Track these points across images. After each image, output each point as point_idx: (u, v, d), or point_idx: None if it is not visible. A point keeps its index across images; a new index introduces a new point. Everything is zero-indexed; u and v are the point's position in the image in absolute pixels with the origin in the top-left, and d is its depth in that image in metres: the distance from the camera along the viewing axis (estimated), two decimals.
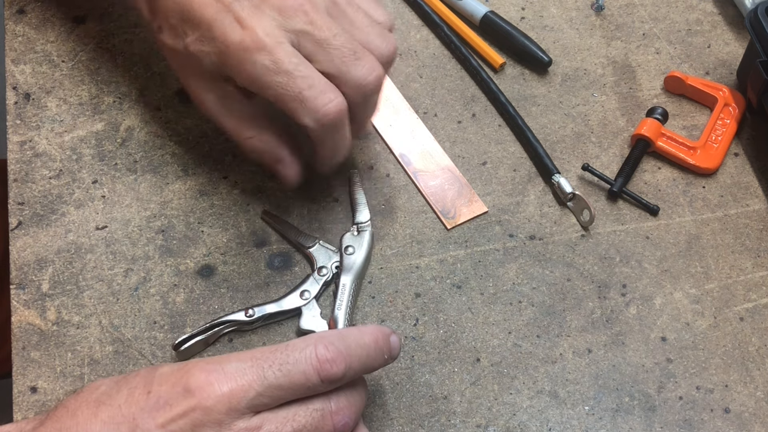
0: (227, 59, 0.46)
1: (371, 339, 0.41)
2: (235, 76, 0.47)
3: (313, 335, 0.40)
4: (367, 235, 0.52)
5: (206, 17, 0.46)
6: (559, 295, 0.52)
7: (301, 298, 0.50)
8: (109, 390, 0.38)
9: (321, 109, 0.46)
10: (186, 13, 0.47)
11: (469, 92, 0.60)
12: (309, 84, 0.45)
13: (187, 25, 0.47)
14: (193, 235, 0.53)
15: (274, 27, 0.46)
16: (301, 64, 0.46)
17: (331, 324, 0.49)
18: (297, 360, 0.38)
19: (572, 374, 0.50)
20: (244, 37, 0.45)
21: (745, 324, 0.52)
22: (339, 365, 0.38)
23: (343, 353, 0.39)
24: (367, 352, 0.40)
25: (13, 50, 0.59)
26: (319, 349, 0.38)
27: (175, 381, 0.37)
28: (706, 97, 0.60)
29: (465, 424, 0.48)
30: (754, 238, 0.55)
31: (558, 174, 0.55)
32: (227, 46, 0.46)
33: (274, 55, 0.45)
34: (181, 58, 0.49)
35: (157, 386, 0.37)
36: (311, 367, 0.38)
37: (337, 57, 0.46)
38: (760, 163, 0.58)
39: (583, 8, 0.65)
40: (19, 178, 0.54)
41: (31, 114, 0.57)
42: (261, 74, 0.45)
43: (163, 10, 0.48)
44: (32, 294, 0.50)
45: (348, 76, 0.46)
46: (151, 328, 0.50)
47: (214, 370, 0.37)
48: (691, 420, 0.48)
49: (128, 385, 0.38)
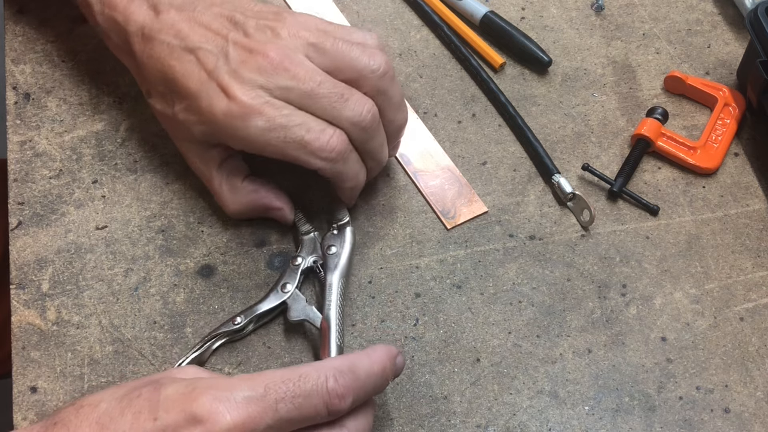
0: (217, 128, 0.47)
1: (380, 368, 0.41)
2: (229, 143, 0.48)
3: (325, 364, 0.39)
4: (348, 232, 0.52)
5: (191, 89, 0.46)
6: (559, 295, 0.52)
7: (282, 292, 0.50)
8: (112, 410, 0.37)
9: (325, 146, 0.46)
10: (170, 83, 0.47)
11: (469, 92, 0.60)
12: (307, 129, 0.46)
13: (173, 95, 0.48)
14: (193, 235, 0.53)
15: (258, 88, 0.46)
16: (292, 113, 0.46)
17: (323, 325, 0.48)
18: (309, 393, 0.38)
19: (572, 374, 0.50)
20: (231, 106, 0.45)
21: (745, 324, 0.52)
22: (347, 400, 0.38)
23: (352, 386, 0.39)
24: (375, 381, 0.41)
25: (13, 50, 0.59)
26: (330, 383, 0.38)
27: (182, 407, 0.36)
28: (706, 97, 0.60)
29: (465, 424, 0.48)
30: (754, 238, 0.55)
31: (558, 174, 0.55)
32: (215, 116, 0.46)
33: (265, 114, 0.45)
34: (172, 123, 0.50)
35: (164, 412, 0.36)
36: (321, 401, 0.38)
37: (327, 104, 0.46)
38: (760, 163, 0.58)
39: (583, 8, 0.65)
40: (19, 178, 0.54)
41: (31, 114, 0.57)
42: (257, 136, 0.46)
43: (149, 76, 0.49)
44: (32, 294, 0.50)
45: (341, 119, 0.47)
46: (151, 328, 0.50)
47: (224, 399, 0.36)
48: (691, 420, 0.48)
49: (132, 407, 0.37)
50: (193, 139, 0.49)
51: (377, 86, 0.48)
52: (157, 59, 0.47)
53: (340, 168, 0.48)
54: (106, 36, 0.52)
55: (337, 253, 0.51)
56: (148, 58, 0.48)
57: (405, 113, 0.51)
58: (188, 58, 0.47)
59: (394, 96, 0.49)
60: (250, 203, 0.51)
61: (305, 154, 0.46)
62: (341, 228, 0.52)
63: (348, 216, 0.52)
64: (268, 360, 0.49)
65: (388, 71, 0.48)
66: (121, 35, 0.50)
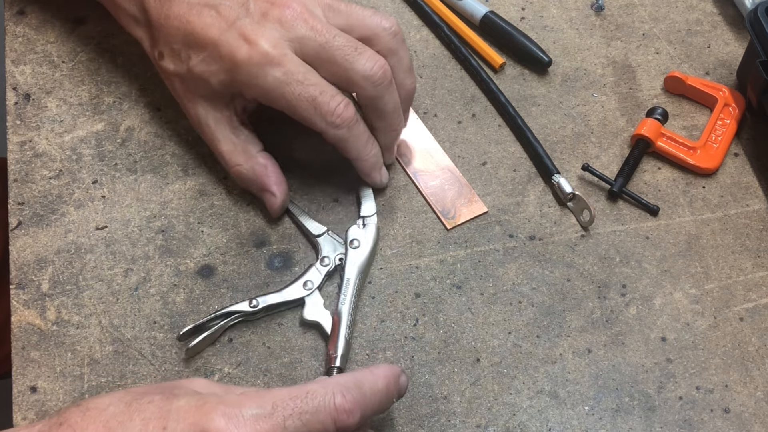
0: (237, 76, 0.48)
1: (384, 384, 0.41)
2: (245, 91, 0.49)
3: (330, 381, 0.39)
4: (373, 228, 0.52)
5: (211, 37, 0.47)
6: (559, 296, 0.52)
7: (303, 289, 0.50)
8: (120, 415, 0.37)
9: (334, 111, 0.48)
10: (189, 35, 0.48)
11: (469, 92, 0.60)
12: (320, 90, 0.48)
13: (191, 49, 0.49)
14: (193, 235, 0.53)
15: (278, 38, 0.47)
16: (309, 72, 0.48)
17: (335, 319, 0.49)
18: (316, 409, 0.38)
19: (572, 374, 0.50)
20: (252, 52, 0.47)
21: (745, 324, 0.52)
22: (355, 416, 0.38)
23: (359, 402, 0.39)
24: (380, 398, 0.41)
25: (13, 51, 0.59)
26: (337, 399, 0.38)
27: (192, 420, 0.36)
28: (706, 97, 0.60)
29: (465, 424, 0.48)
30: (754, 238, 0.55)
31: (558, 174, 0.55)
32: (236, 63, 0.47)
33: (284, 66, 0.47)
34: (185, 82, 0.50)
35: (174, 423, 0.36)
36: (329, 417, 0.38)
37: (340, 56, 0.48)
38: (760, 163, 0.58)
39: (583, 8, 0.65)
40: (19, 178, 0.54)
41: (31, 114, 0.57)
42: (274, 86, 0.47)
43: (164, 36, 0.49)
44: (32, 294, 0.50)
45: (353, 71, 0.48)
46: (151, 328, 0.50)
47: (234, 415, 0.36)
48: (691, 420, 0.48)
49: (142, 413, 0.37)
50: (208, 93, 0.50)
51: (389, 45, 0.50)
52: (176, 17, 0.48)
53: (344, 135, 0.49)
54: (115, 7, 0.52)
55: (359, 247, 0.51)
56: (165, 18, 0.49)
57: (414, 79, 0.53)
58: (208, 12, 0.48)
59: (404, 58, 0.51)
60: (256, 174, 0.52)
61: (314, 115, 0.48)
62: (367, 223, 0.52)
63: (375, 210, 0.53)
64: (268, 360, 0.49)
65: (399, 32, 0.51)
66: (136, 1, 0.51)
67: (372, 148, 0.52)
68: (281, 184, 0.52)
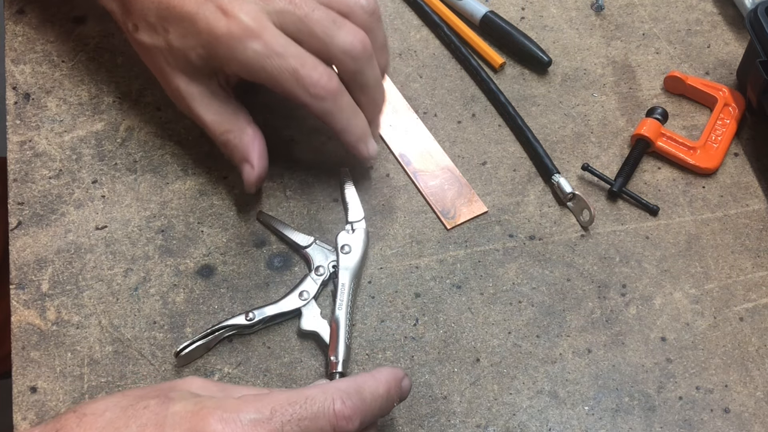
0: (216, 50, 0.46)
1: (385, 389, 0.40)
2: (225, 65, 0.47)
3: (330, 387, 0.39)
4: (362, 232, 0.52)
5: (188, 11, 0.46)
6: (558, 295, 0.52)
7: (300, 299, 0.50)
8: (116, 420, 0.36)
9: (317, 82, 0.47)
10: (165, 9, 0.47)
11: (469, 92, 0.60)
12: (302, 62, 0.47)
13: (167, 22, 0.47)
14: (193, 235, 0.53)
15: (257, 11, 0.46)
16: (289, 44, 0.47)
17: (332, 325, 0.49)
18: (315, 415, 0.37)
19: (572, 374, 0.50)
20: (231, 25, 0.46)
21: (745, 324, 0.52)
22: (354, 422, 0.38)
23: (359, 408, 0.38)
24: (381, 403, 0.40)
25: (13, 50, 0.59)
26: (336, 405, 0.38)
27: (189, 426, 0.36)
28: (706, 97, 0.60)
29: (465, 424, 0.48)
30: (754, 238, 0.55)
31: (558, 174, 0.55)
32: (215, 37, 0.46)
33: (263, 38, 0.46)
34: (162, 55, 0.49)
35: (170, 429, 0.36)
36: (328, 423, 0.37)
37: (319, 29, 0.47)
38: (760, 163, 0.58)
39: (583, 8, 0.65)
40: (19, 177, 0.54)
41: (31, 114, 0.57)
42: (254, 60, 0.46)
43: (138, 8, 0.48)
44: (32, 294, 0.50)
45: (332, 45, 0.48)
46: (150, 328, 0.50)
47: (231, 420, 0.36)
48: (691, 420, 0.48)
49: (138, 419, 0.36)
50: (187, 67, 0.49)
51: (365, 23, 0.49)
52: None
53: (329, 107, 0.48)
54: None
55: (350, 252, 0.51)
56: None
57: (388, 56, 0.53)
58: None
59: (380, 36, 0.51)
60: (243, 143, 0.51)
61: (296, 87, 0.47)
62: (355, 228, 0.52)
63: (362, 215, 0.53)
64: (268, 360, 0.49)
65: (376, 11, 0.50)
66: None
67: (358, 120, 0.50)
68: (262, 159, 0.51)
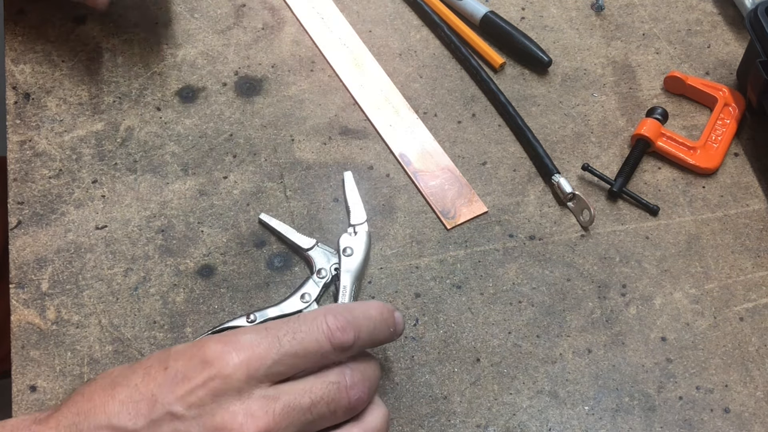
0: None
1: (377, 312, 0.41)
2: None
3: (321, 308, 0.41)
4: (365, 235, 0.52)
5: None
6: (559, 295, 0.52)
7: (301, 301, 0.50)
8: (124, 372, 0.39)
9: None
10: None
11: (469, 92, 0.60)
12: None
13: None
14: (193, 235, 0.53)
15: None
16: None
17: None
18: (309, 329, 0.39)
19: (572, 374, 0.49)
20: None
21: (745, 324, 0.52)
22: (348, 333, 0.39)
23: (351, 323, 0.40)
24: (374, 323, 0.41)
25: (13, 50, 0.59)
26: (329, 319, 0.39)
27: (191, 355, 0.38)
28: (706, 97, 0.60)
29: (465, 424, 0.48)
30: (754, 238, 0.55)
31: (558, 174, 0.55)
32: None
33: None
34: None
35: (174, 362, 0.38)
36: (323, 335, 0.39)
37: None
38: (760, 163, 0.58)
39: (583, 8, 0.65)
40: (19, 177, 0.54)
41: (30, 114, 0.57)
42: None
43: None
44: (32, 293, 0.50)
45: None
46: (150, 327, 0.50)
47: (230, 341, 0.38)
48: (691, 420, 0.48)
49: (143, 365, 0.38)
50: None
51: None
52: None
53: None
54: None
55: (352, 255, 0.51)
56: None
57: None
58: None
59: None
60: None
61: None
62: (358, 231, 0.52)
63: (365, 217, 0.53)
64: None
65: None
66: None
67: None
68: None
